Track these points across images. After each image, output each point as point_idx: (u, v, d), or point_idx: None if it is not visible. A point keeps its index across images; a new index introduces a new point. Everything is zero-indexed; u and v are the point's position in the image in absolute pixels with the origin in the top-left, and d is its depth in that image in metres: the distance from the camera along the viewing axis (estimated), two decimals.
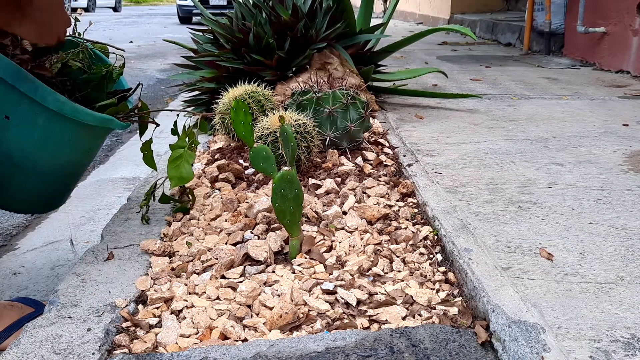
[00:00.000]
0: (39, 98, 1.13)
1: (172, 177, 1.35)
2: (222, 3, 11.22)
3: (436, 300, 1.06)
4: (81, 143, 1.28)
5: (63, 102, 1.16)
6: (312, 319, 1.01)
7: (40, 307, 1.16)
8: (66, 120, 1.18)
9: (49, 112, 1.16)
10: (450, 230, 1.25)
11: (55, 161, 1.25)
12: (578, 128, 2.15)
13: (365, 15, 2.72)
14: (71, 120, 1.18)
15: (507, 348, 0.88)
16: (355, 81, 2.34)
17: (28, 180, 1.24)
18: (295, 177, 1.17)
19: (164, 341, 0.96)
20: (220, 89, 2.14)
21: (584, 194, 1.46)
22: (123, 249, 1.26)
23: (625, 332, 0.88)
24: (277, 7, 2.27)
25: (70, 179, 1.37)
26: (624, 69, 3.52)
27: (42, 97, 1.14)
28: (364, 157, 1.81)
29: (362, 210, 1.39)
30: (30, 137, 1.18)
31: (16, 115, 1.15)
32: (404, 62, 4.06)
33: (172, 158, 1.36)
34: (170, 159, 1.36)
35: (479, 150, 1.86)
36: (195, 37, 2.59)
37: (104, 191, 2.13)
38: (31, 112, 1.15)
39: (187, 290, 1.10)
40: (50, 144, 1.22)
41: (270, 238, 1.26)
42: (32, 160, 1.21)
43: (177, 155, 1.36)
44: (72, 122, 1.19)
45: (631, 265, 1.09)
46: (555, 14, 4.25)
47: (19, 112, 1.15)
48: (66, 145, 1.24)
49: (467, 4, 7.44)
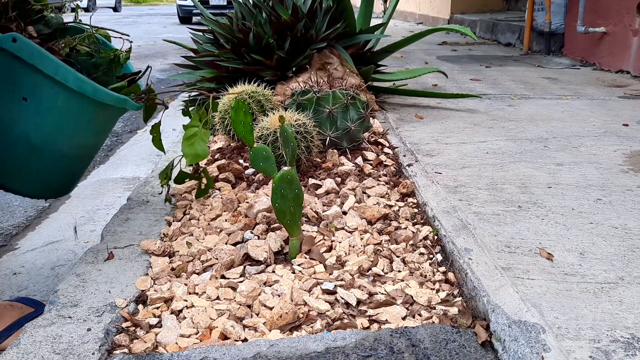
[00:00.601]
0: (60, 77, 1.14)
1: (187, 155, 1.36)
2: (222, 3, 11.22)
3: (436, 300, 1.06)
4: (97, 124, 1.29)
5: (84, 81, 1.17)
6: (312, 319, 1.01)
7: (40, 307, 1.16)
8: (85, 100, 1.18)
9: (69, 92, 1.16)
10: (450, 230, 1.25)
11: (73, 143, 1.26)
12: (578, 128, 2.15)
13: (365, 15, 2.72)
14: (90, 100, 1.19)
15: (507, 348, 0.88)
16: (355, 81, 2.34)
17: (44, 164, 1.24)
18: (295, 177, 1.17)
19: (164, 341, 0.96)
20: (220, 89, 2.14)
21: (584, 194, 1.46)
22: (123, 249, 1.26)
23: (625, 332, 0.88)
24: (277, 7, 2.27)
25: (84, 162, 1.38)
26: (624, 69, 3.52)
27: (64, 76, 1.14)
28: (364, 157, 1.81)
29: (362, 210, 1.39)
30: (49, 118, 1.18)
31: (35, 97, 1.15)
32: (404, 62, 4.06)
33: (187, 136, 1.37)
34: (185, 137, 1.37)
35: (479, 150, 1.86)
36: (195, 37, 2.59)
37: (104, 191, 2.13)
38: (51, 93, 1.15)
39: (187, 290, 1.10)
40: (69, 125, 1.22)
41: (270, 238, 1.26)
42: (49, 143, 1.21)
43: (192, 134, 1.36)
44: (90, 103, 1.20)
45: (631, 265, 1.09)
46: (555, 14, 4.25)
47: (39, 93, 1.15)
48: (84, 126, 1.24)
49: (467, 4, 7.44)
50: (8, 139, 1.18)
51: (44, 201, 2.09)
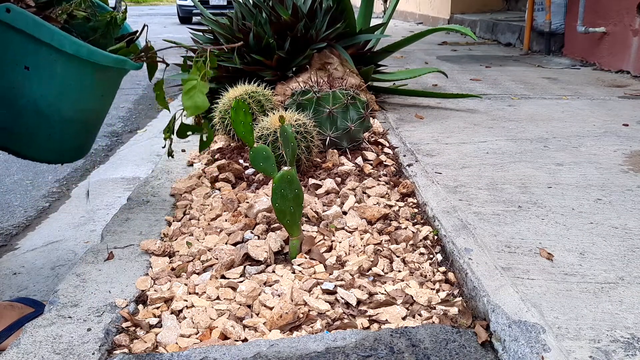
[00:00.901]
0: (56, 43, 1.18)
1: (188, 107, 1.37)
2: (222, 3, 11.22)
3: (436, 300, 1.06)
4: (99, 88, 1.33)
5: (80, 45, 1.21)
6: (312, 319, 1.01)
7: (40, 307, 1.16)
8: (83, 63, 1.22)
9: (67, 58, 1.20)
10: (450, 230, 1.25)
11: (78, 107, 1.30)
12: (578, 128, 2.15)
13: (365, 15, 2.72)
14: (88, 63, 1.23)
15: (507, 348, 0.88)
16: (355, 81, 2.34)
17: (55, 129, 1.29)
18: (295, 177, 1.17)
19: (164, 341, 0.96)
20: (220, 89, 2.14)
21: (584, 194, 1.46)
22: (123, 249, 1.26)
23: (625, 332, 0.88)
24: (277, 7, 2.27)
25: (92, 126, 1.42)
26: (624, 69, 3.52)
27: (60, 42, 1.18)
28: (364, 157, 1.81)
29: (362, 210, 1.39)
30: (52, 85, 1.23)
31: (35, 65, 1.20)
32: (404, 62, 4.06)
33: (186, 90, 1.38)
34: (184, 91, 1.38)
35: (479, 150, 1.86)
36: (195, 37, 2.59)
37: (104, 191, 2.12)
38: (50, 60, 1.20)
39: (187, 290, 1.10)
40: (71, 90, 1.26)
41: (270, 238, 1.26)
42: (56, 109, 1.26)
43: (191, 87, 1.38)
44: (88, 66, 1.24)
45: (631, 265, 1.09)
46: (555, 14, 4.25)
47: (38, 61, 1.20)
48: (86, 90, 1.29)
49: (467, 4, 7.44)
50: (17, 108, 1.24)
51: (44, 201, 2.09)
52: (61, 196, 2.15)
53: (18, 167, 2.48)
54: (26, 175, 2.38)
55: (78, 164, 2.53)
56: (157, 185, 1.68)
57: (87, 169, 2.48)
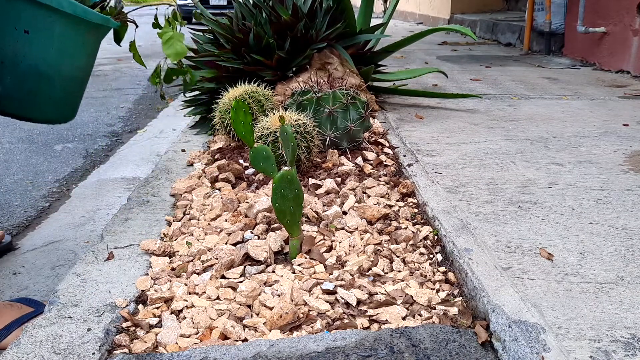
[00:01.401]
0: (55, 4, 1.24)
1: (170, 55, 1.53)
2: (222, 3, 11.21)
3: (436, 300, 1.06)
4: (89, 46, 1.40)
5: (76, 5, 1.27)
6: (312, 319, 1.01)
7: (40, 307, 1.16)
8: (78, 22, 1.29)
9: (64, 18, 1.26)
10: (450, 230, 1.25)
11: (73, 65, 1.37)
12: (578, 128, 2.15)
13: (365, 15, 2.72)
14: (82, 22, 1.30)
15: (507, 348, 0.88)
16: (355, 81, 2.34)
17: (55, 89, 1.35)
18: (295, 177, 1.17)
19: (164, 341, 0.96)
20: (220, 89, 2.14)
21: (584, 194, 1.46)
22: (123, 249, 1.26)
23: (626, 332, 0.88)
24: (277, 7, 2.27)
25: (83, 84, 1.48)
26: (624, 69, 3.52)
27: (58, 2, 1.24)
28: (364, 157, 1.81)
29: (362, 210, 1.39)
30: (52, 46, 1.29)
31: (35, 28, 1.25)
32: (404, 62, 4.06)
33: (165, 40, 1.54)
34: (164, 42, 1.54)
35: (479, 150, 1.86)
36: (195, 37, 2.59)
37: (104, 191, 2.13)
38: (49, 21, 1.26)
39: (187, 290, 1.10)
40: (68, 50, 1.33)
41: (270, 238, 1.26)
42: (56, 69, 1.32)
43: (168, 37, 1.54)
44: (82, 24, 1.31)
45: (631, 265, 1.09)
46: (555, 14, 4.25)
47: (37, 23, 1.25)
48: (79, 48, 1.36)
49: (467, 4, 7.44)
50: (19, 72, 1.28)
51: (44, 201, 2.09)
52: (61, 196, 2.15)
53: (18, 167, 2.48)
54: (26, 175, 2.38)
55: (78, 164, 2.53)
56: (157, 185, 1.68)
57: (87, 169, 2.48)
